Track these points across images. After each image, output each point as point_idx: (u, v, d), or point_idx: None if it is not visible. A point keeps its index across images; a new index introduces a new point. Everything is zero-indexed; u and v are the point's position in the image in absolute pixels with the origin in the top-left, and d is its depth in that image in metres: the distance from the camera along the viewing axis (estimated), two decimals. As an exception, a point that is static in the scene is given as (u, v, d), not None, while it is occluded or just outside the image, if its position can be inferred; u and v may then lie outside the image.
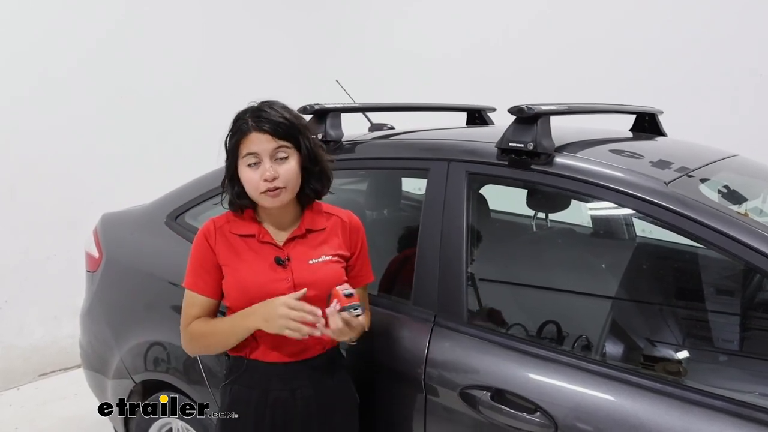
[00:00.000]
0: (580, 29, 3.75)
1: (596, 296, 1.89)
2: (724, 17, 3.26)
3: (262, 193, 1.48)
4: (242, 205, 1.57)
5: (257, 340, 1.55)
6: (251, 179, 1.48)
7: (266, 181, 1.46)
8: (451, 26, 4.37)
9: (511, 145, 1.63)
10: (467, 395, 1.55)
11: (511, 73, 4.05)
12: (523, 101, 1.62)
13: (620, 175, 1.55)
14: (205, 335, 1.56)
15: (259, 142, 1.47)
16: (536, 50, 3.93)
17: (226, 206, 1.63)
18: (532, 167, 1.62)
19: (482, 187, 1.98)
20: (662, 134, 2.34)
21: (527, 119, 1.61)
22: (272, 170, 1.46)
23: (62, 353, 3.96)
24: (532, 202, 2.03)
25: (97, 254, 2.47)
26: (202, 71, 4.60)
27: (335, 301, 1.44)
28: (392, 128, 2.52)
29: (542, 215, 2.20)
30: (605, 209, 1.97)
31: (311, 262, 1.56)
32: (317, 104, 2.01)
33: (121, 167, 4.12)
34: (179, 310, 1.64)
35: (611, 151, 1.77)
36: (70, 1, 3.82)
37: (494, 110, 2.69)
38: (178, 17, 4.43)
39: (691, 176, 1.63)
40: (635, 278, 1.94)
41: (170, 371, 2.14)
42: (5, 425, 3.31)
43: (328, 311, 1.45)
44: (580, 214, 2.16)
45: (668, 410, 1.33)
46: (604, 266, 2.07)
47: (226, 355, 1.65)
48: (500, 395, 1.51)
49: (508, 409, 1.48)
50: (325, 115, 2.04)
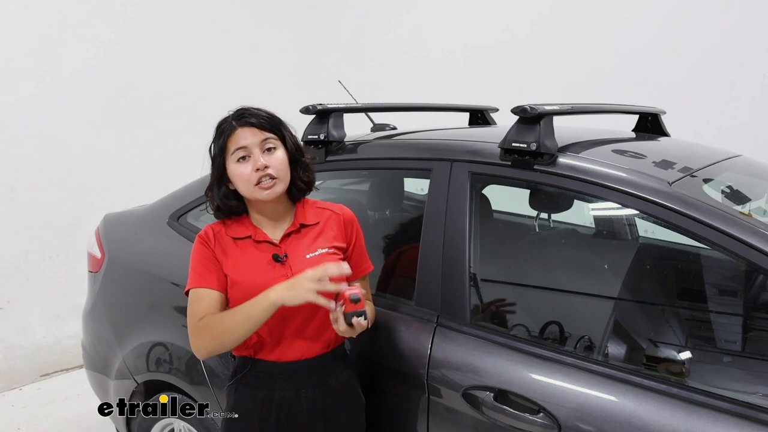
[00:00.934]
0: (582, 29, 3.75)
1: (599, 297, 1.88)
2: (727, 17, 3.25)
3: (255, 185, 1.49)
4: (230, 208, 1.57)
5: (262, 339, 1.55)
6: (243, 173, 1.50)
7: (258, 170, 1.48)
8: (453, 26, 4.37)
9: (514, 145, 1.62)
10: (470, 396, 1.54)
11: (513, 73, 4.05)
12: (525, 101, 1.61)
13: (623, 175, 1.54)
14: (218, 323, 1.47)
15: (246, 136, 1.50)
16: (539, 50, 3.93)
17: (212, 212, 1.61)
18: (535, 167, 1.62)
19: (485, 187, 1.97)
20: (665, 134, 2.33)
21: (530, 119, 1.61)
22: (263, 159, 1.49)
23: (64, 354, 3.97)
24: (534, 202, 2.03)
25: (99, 254, 2.47)
26: (204, 72, 4.61)
27: (341, 302, 1.44)
28: (394, 128, 2.52)
29: (545, 215, 2.19)
30: (608, 209, 1.97)
31: (308, 256, 1.56)
32: (320, 104, 2.01)
33: (123, 167, 4.13)
34: (181, 310, 1.64)
35: (614, 151, 1.76)
36: (71, 2, 3.82)
37: (497, 110, 2.69)
38: (179, 18, 4.44)
39: (694, 176, 1.63)
40: (638, 279, 1.93)
41: (172, 372, 2.14)
42: (7, 426, 3.31)
43: (333, 314, 1.44)
44: (582, 214, 2.16)
45: (672, 411, 1.33)
46: (606, 267, 2.06)
47: (231, 356, 1.65)
48: (503, 396, 1.50)
49: (511, 409, 1.48)
50: (327, 115, 2.04)
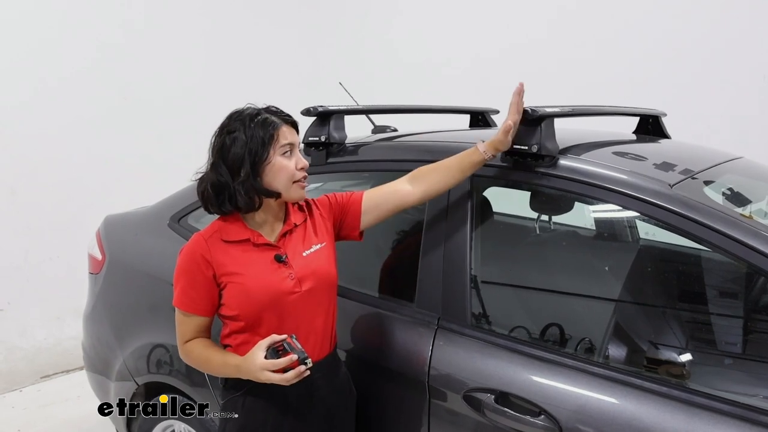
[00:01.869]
0: (584, 33, 3.76)
1: (600, 299, 1.88)
2: (727, 20, 3.26)
3: (295, 182, 1.54)
4: (253, 203, 1.51)
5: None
6: (289, 167, 1.53)
7: (303, 169, 1.55)
8: (455, 29, 4.38)
9: (515, 147, 1.62)
10: (471, 398, 1.54)
11: (514, 75, 4.03)
12: (527, 104, 1.61)
13: (624, 177, 1.54)
14: (200, 364, 1.57)
15: (291, 134, 1.55)
16: (540, 54, 3.94)
17: (227, 209, 1.55)
18: (535, 169, 1.62)
19: (486, 189, 1.97)
20: (666, 137, 2.33)
21: (531, 121, 1.61)
22: (304, 160, 1.56)
23: (65, 355, 3.97)
24: (535, 204, 2.03)
25: (99, 256, 2.47)
26: (204, 73, 4.61)
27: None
28: (395, 130, 2.52)
29: (546, 218, 2.19)
30: (609, 212, 1.97)
31: (305, 254, 1.58)
32: (321, 106, 2.01)
33: (123, 169, 4.13)
34: (182, 313, 1.64)
35: (615, 153, 1.76)
36: (71, 4, 3.83)
37: (497, 112, 2.69)
38: (180, 19, 4.44)
39: (695, 179, 1.63)
40: (639, 281, 1.93)
41: (173, 374, 2.14)
42: (7, 427, 3.31)
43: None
44: (583, 216, 2.16)
45: (673, 413, 1.33)
46: (607, 269, 2.06)
47: None
48: (504, 398, 1.50)
49: (512, 412, 1.48)
50: (328, 117, 2.04)
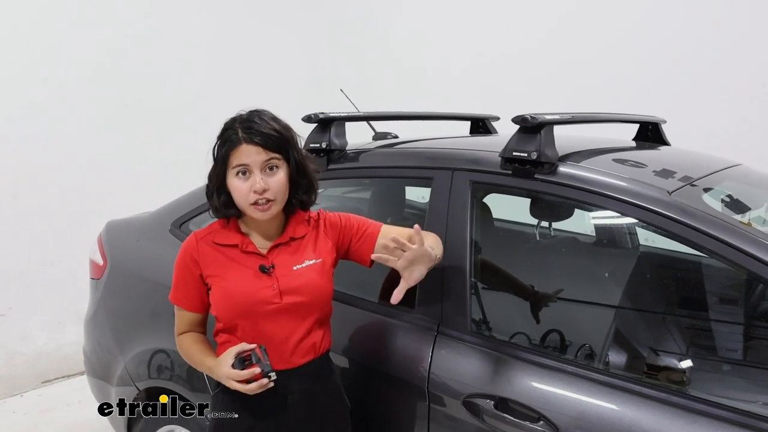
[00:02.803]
0: (585, 40, 3.77)
1: (599, 305, 1.89)
2: (727, 27, 3.27)
3: (251, 204, 1.48)
4: (228, 214, 1.57)
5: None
6: (240, 189, 1.48)
7: (255, 192, 1.47)
8: (456, 36, 4.39)
9: (514, 154, 1.63)
10: (471, 404, 1.55)
11: (515, 82, 4.06)
12: (527, 111, 1.62)
13: (623, 184, 1.55)
14: (186, 357, 1.63)
15: (249, 153, 1.46)
16: (541, 60, 3.95)
17: (214, 215, 1.63)
18: (535, 176, 1.63)
19: (486, 195, 1.98)
20: (665, 143, 2.34)
21: (531, 128, 1.62)
22: (262, 182, 1.46)
23: (66, 360, 3.97)
24: (535, 211, 2.04)
25: (101, 261, 2.48)
26: (206, 78, 4.62)
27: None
28: (396, 137, 2.53)
29: (546, 224, 2.20)
30: (608, 218, 1.97)
31: (295, 268, 1.57)
32: (322, 113, 2.02)
33: (125, 174, 4.14)
34: (182, 317, 1.66)
35: (614, 160, 1.77)
36: (74, 9, 3.85)
37: (498, 119, 2.70)
38: (181, 24, 4.46)
39: (694, 185, 1.64)
40: (638, 287, 1.94)
41: (173, 379, 2.15)
42: (8, 432, 3.32)
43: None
44: (583, 223, 2.17)
45: (672, 420, 1.33)
46: (607, 275, 2.07)
47: None
48: (504, 404, 1.51)
49: (511, 417, 1.48)
50: (329, 124, 2.05)
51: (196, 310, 1.61)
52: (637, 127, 2.39)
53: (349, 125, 2.13)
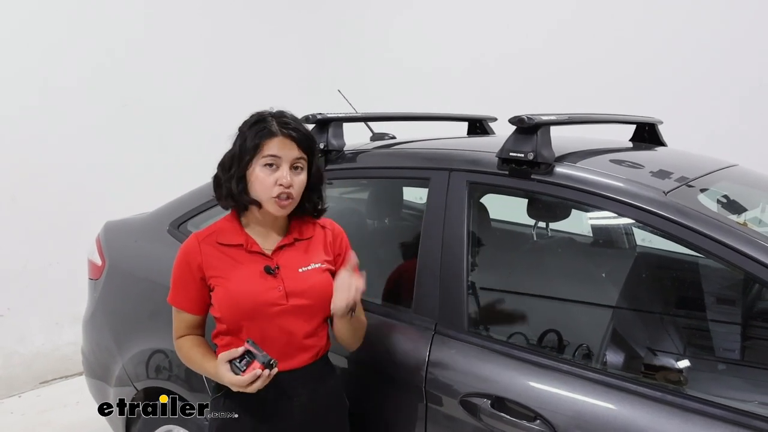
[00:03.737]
0: (583, 42, 3.78)
1: (596, 305, 1.90)
2: (725, 29, 3.28)
3: (273, 197, 1.49)
4: (241, 202, 1.55)
5: None
6: (265, 181, 1.49)
7: (281, 185, 1.48)
8: (454, 37, 4.40)
9: (511, 154, 1.64)
10: (468, 403, 1.55)
11: (515, 83, 4.07)
12: (526, 111, 1.63)
13: (620, 184, 1.56)
14: (186, 360, 1.62)
15: (284, 147, 1.49)
16: (541, 61, 3.96)
17: (224, 202, 1.60)
18: (532, 177, 1.63)
19: (483, 196, 1.99)
20: (662, 144, 2.35)
21: (527, 129, 1.63)
22: (289, 177, 1.49)
23: (64, 361, 3.97)
24: (532, 211, 2.04)
25: (99, 262, 2.48)
26: (205, 79, 4.63)
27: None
28: (393, 138, 2.53)
29: (543, 224, 2.21)
30: (605, 218, 1.98)
31: (301, 270, 1.57)
32: (320, 113, 2.03)
33: (123, 175, 4.14)
34: (180, 318, 1.66)
35: (611, 161, 1.78)
36: (73, 10, 3.85)
37: (495, 120, 2.71)
38: (180, 26, 4.46)
39: (690, 186, 1.65)
40: (635, 287, 1.94)
41: (172, 379, 2.15)
42: (6, 433, 3.32)
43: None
44: (580, 223, 2.17)
45: (668, 418, 1.34)
46: (604, 275, 2.07)
47: None
48: (500, 403, 1.51)
49: (508, 416, 1.49)
50: (327, 124, 2.06)
51: (196, 312, 1.60)
52: (633, 127, 2.40)
53: (346, 126, 2.14)
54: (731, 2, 3.27)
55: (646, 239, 2.32)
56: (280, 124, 1.50)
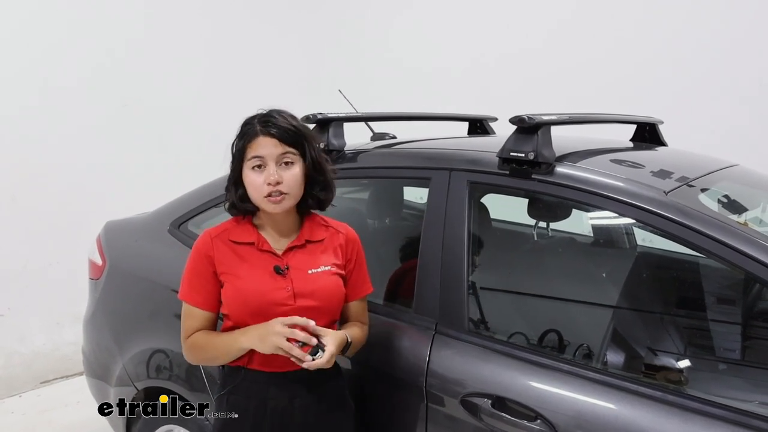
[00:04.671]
0: (584, 41, 3.78)
1: (597, 305, 1.90)
2: (727, 27, 3.28)
3: (265, 197, 1.49)
4: (244, 209, 1.58)
5: (254, 351, 1.53)
6: (255, 182, 1.50)
7: (270, 184, 1.48)
8: (455, 37, 4.40)
9: (512, 154, 1.64)
10: (468, 403, 1.55)
11: (515, 83, 4.07)
12: (526, 111, 1.63)
13: (620, 184, 1.56)
14: (203, 349, 1.57)
15: (265, 146, 1.49)
16: (541, 61, 3.96)
17: (228, 210, 1.63)
18: (532, 177, 1.64)
19: (483, 196, 1.99)
20: (663, 144, 2.35)
21: (528, 129, 1.63)
22: (276, 174, 1.48)
23: (64, 360, 3.97)
24: (533, 211, 2.05)
25: (100, 262, 2.48)
26: (205, 79, 4.63)
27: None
28: (394, 137, 2.54)
29: (543, 224, 2.21)
30: (606, 218, 1.98)
31: (311, 272, 1.56)
32: (320, 113, 2.03)
33: (125, 175, 4.14)
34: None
35: (612, 160, 1.78)
36: (73, 10, 3.85)
37: (496, 120, 2.71)
38: (180, 26, 4.46)
39: (691, 186, 1.65)
40: (636, 287, 1.95)
41: (172, 378, 2.15)
42: (7, 432, 3.32)
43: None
44: (581, 223, 2.17)
45: (669, 418, 1.34)
46: (604, 275, 2.08)
47: (220, 365, 1.64)
48: (501, 403, 1.51)
49: (508, 416, 1.49)
50: (327, 124, 2.06)
51: (209, 308, 1.58)
52: (634, 127, 2.40)
53: (347, 126, 2.14)
54: (731, 2, 3.27)
55: (646, 239, 2.32)
56: (261, 123, 1.51)
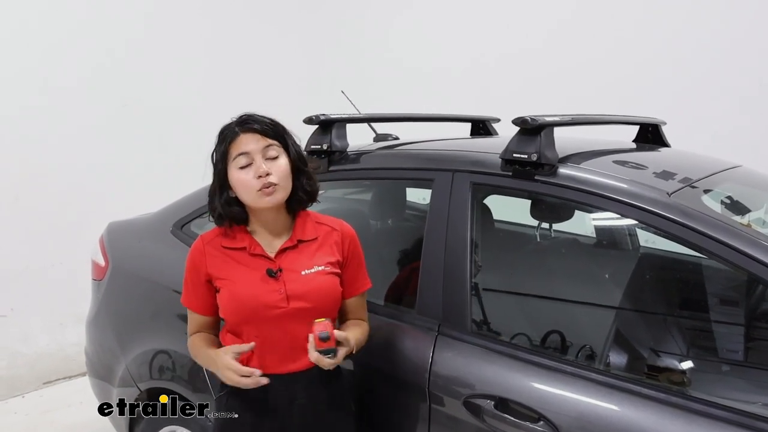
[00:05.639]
0: (586, 42, 3.78)
1: (600, 306, 1.90)
2: (728, 27, 3.28)
3: (258, 191, 1.49)
4: (232, 214, 1.57)
5: (254, 351, 1.54)
6: (245, 180, 1.50)
7: (260, 177, 1.48)
8: (457, 37, 4.40)
9: (515, 155, 1.64)
10: (471, 404, 1.55)
11: (517, 84, 4.07)
12: (527, 112, 1.63)
13: (623, 185, 1.56)
14: (195, 355, 1.64)
15: (248, 142, 1.50)
16: (541, 61, 3.96)
17: (216, 222, 1.62)
18: (535, 178, 1.64)
19: (486, 197, 1.99)
20: (666, 145, 2.35)
21: (531, 130, 1.63)
22: (265, 166, 1.49)
23: (67, 361, 3.97)
24: (535, 212, 2.05)
25: (103, 262, 2.48)
26: (206, 79, 4.63)
27: (312, 336, 1.44)
28: (397, 139, 2.53)
29: (546, 225, 2.21)
30: (608, 220, 1.98)
31: (304, 272, 1.56)
32: (323, 114, 2.03)
33: (126, 175, 4.15)
34: (185, 318, 1.67)
35: (615, 162, 1.78)
36: (73, 11, 3.85)
37: (498, 121, 2.70)
38: (180, 26, 4.46)
39: (694, 187, 1.65)
40: (639, 288, 1.95)
41: (175, 379, 2.15)
42: (9, 433, 3.32)
43: (308, 345, 1.45)
44: (583, 224, 2.17)
45: (672, 420, 1.34)
46: (607, 276, 2.08)
47: None
48: (504, 404, 1.51)
49: (511, 418, 1.49)
50: (330, 125, 2.06)
51: (205, 313, 1.62)
52: (637, 128, 2.40)
53: (350, 127, 2.14)
54: (731, 2, 3.27)
55: (649, 240, 2.32)
56: (239, 123, 1.53)
